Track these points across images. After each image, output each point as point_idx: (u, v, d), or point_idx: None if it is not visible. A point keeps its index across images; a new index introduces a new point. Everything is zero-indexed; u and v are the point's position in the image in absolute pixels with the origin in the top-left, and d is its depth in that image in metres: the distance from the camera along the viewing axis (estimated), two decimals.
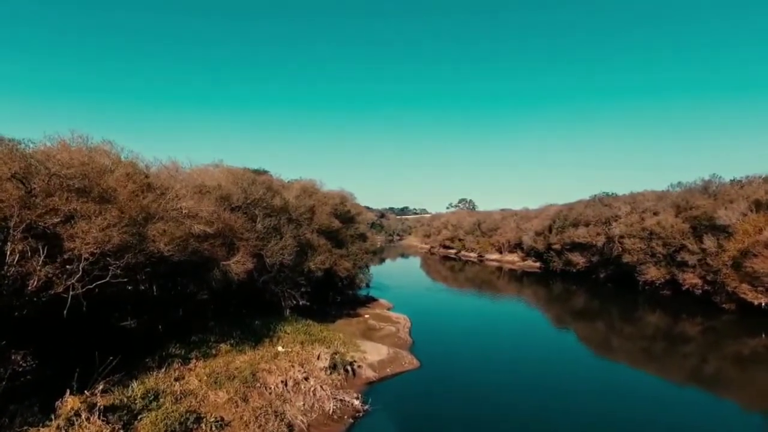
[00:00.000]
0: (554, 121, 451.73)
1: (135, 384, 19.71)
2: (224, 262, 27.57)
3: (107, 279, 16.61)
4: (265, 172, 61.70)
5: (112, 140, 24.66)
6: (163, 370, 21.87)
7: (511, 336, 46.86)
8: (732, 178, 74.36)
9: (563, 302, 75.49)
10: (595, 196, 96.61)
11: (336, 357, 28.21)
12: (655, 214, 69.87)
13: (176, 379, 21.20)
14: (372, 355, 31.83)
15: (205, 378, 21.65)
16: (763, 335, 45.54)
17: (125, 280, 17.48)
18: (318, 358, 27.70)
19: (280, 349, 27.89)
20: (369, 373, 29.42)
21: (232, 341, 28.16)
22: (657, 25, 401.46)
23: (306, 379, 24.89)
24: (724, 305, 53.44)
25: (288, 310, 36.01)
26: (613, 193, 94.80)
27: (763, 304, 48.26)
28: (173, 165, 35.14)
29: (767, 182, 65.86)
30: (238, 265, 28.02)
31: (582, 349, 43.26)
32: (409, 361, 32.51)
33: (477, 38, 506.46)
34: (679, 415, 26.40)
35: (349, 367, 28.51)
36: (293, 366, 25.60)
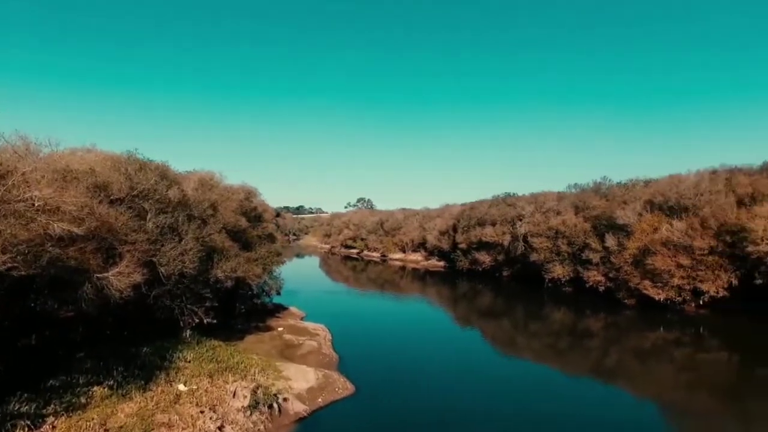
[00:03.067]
0: (450, 120, 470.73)
1: None
2: (100, 275, 20.11)
3: None
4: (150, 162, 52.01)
5: None
6: None
7: (428, 339, 45.97)
8: (618, 181, 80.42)
9: (471, 301, 75.81)
10: (498, 195, 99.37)
11: (258, 392, 22.17)
12: (559, 213, 72.70)
13: None
14: (298, 381, 26.19)
15: None
16: (662, 329, 48.13)
17: None
18: (234, 396, 21.49)
19: (181, 387, 21.13)
20: (298, 407, 23.80)
21: (111, 381, 20.71)
22: (560, 25, 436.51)
23: (221, 429, 18.69)
24: (625, 301, 56.25)
25: (188, 331, 28.78)
26: (514, 194, 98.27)
27: (662, 299, 51.25)
28: (23, 142, 25.86)
29: (647, 186, 71.80)
30: (121, 277, 20.70)
31: (498, 349, 43.99)
32: (343, 385, 27.43)
33: (374, 28, 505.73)
34: (579, 407, 26.99)
35: (274, 403, 22.63)
36: (202, 412, 19.20)
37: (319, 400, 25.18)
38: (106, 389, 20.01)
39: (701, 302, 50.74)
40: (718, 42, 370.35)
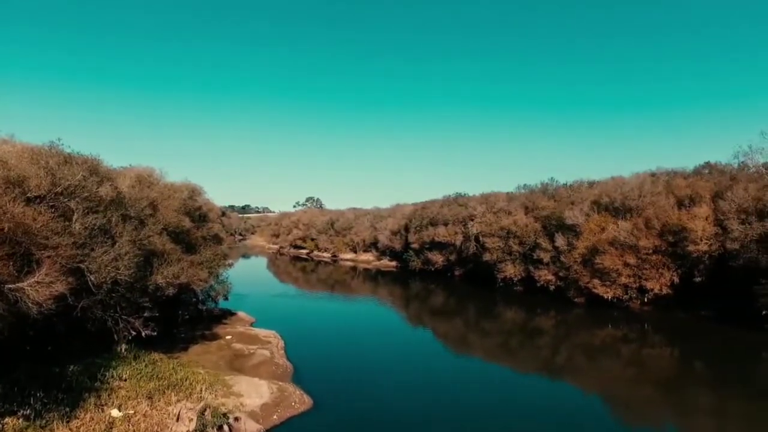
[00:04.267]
0: (399, 120, 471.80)
1: None
2: (13, 285, 17.06)
3: None
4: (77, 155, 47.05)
5: None
6: None
7: (383, 342, 45.34)
8: (564, 182, 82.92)
9: (424, 301, 75.57)
10: (449, 195, 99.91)
11: (205, 413, 19.81)
12: (509, 213, 73.62)
13: None
14: (251, 397, 23.93)
15: None
16: (609, 326, 49.60)
17: None
18: (177, 420, 19.04)
19: (115, 413, 18.43)
20: (251, 427, 21.61)
21: (27, 410, 17.66)
22: (505, 31, 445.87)
23: None
24: (575, 299, 57.57)
25: (124, 344, 25.68)
26: (465, 194, 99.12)
27: (610, 297, 52.72)
28: None
29: (592, 187, 74.33)
30: (40, 287, 17.70)
31: (452, 349, 44.45)
32: (299, 399, 25.41)
33: (324, 26, 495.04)
34: (530, 402, 28.27)
35: (224, 425, 20.34)
36: None
37: (275, 417, 23.09)
38: (20, 420, 17.02)
39: (645, 300, 52.70)
40: (651, 52, 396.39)
